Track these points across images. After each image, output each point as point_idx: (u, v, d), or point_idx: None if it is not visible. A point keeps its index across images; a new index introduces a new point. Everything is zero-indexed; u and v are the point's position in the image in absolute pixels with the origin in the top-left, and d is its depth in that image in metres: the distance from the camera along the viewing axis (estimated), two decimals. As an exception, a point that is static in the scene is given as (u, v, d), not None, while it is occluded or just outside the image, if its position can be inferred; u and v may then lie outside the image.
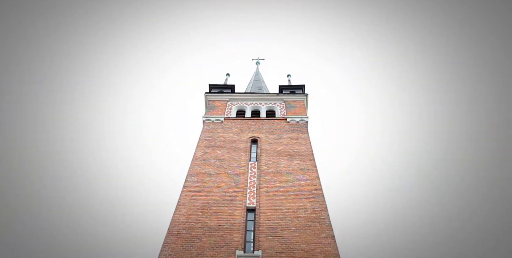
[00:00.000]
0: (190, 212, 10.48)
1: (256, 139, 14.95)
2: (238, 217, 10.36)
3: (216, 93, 18.76)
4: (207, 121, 16.19)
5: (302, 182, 12.02)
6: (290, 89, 20.01)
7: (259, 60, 32.03)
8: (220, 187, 11.70)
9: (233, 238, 9.53)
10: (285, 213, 10.54)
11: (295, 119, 16.49)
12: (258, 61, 31.67)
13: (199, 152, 13.63)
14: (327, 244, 9.38)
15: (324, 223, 10.15)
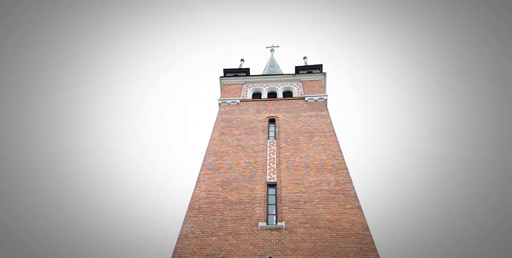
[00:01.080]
0: (210, 188, 10.50)
1: (274, 119, 14.75)
2: (259, 191, 10.27)
3: (231, 77, 18.71)
4: (223, 104, 16.16)
5: (324, 157, 11.73)
6: (307, 69, 19.60)
7: (273, 47, 31.54)
8: (239, 164, 11.64)
9: (255, 211, 9.45)
10: (307, 187, 10.33)
11: (314, 98, 16.12)
12: (273, 49, 31.23)
13: (216, 133, 13.64)
14: (354, 214, 9.09)
15: (349, 195, 9.85)
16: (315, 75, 18.53)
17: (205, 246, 8.37)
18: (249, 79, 18.53)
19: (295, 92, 17.28)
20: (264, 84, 18.23)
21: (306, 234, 8.57)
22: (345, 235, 8.45)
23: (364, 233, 8.47)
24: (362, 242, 8.21)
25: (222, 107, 15.92)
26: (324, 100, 15.95)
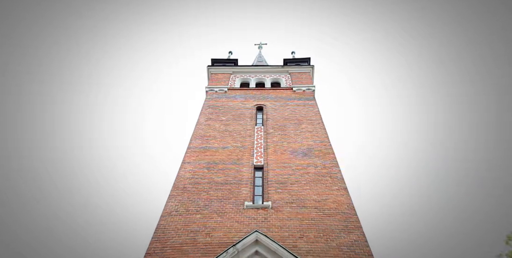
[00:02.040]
0: (195, 169, 10.38)
1: (262, 107, 14.80)
2: (245, 173, 10.24)
3: (219, 66, 18.65)
4: (210, 91, 16.07)
5: (311, 142, 11.85)
6: (295, 62, 19.83)
7: (261, 44, 31.73)
8: (225, 148, 11.58)
9: (241, 192, 9.41)
10: (294, 170, 10.40)
11: (302, 88, 16.30)
12: (261, 46, 31.41)
13: (202, 118, 13.53)
14: (340, 195, 9.22)
15: (336, 177, 9.99)
16: (303, 67, 18.77)
17: (189, 223, 8.25)
18: (237, 69, 18.55)
19: (283, 83, 17.43)
20: (252, 75, 18.28)
21: (292, 213, 8.61)
22: (331, 214, 8.55)
23: (349, 212, 8.60)
24: (347, 220, 8.33)
25: (209, 95, 15.82)
26: (312, 91, 16.16)
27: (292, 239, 7.66)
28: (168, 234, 7.91)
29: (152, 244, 7.59)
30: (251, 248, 6.76)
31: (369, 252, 7.40)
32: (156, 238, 7.76)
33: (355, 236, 7.83)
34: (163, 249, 7.48)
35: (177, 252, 7.37)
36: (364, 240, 7.72)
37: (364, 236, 7.84)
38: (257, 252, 6.76)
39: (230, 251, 6.56)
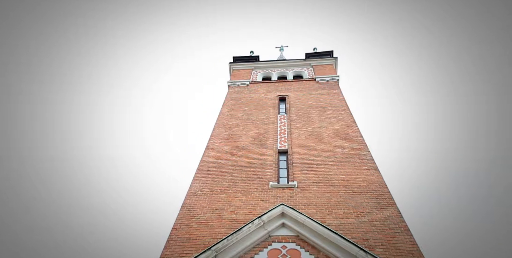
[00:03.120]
0: (219, 154, 10.45)
1: (284, 97, 14.76)
2: (269, 157, 10.15)
3: (241, 62, 18.97)
4: (232, 85, 16.32)
5: (337, 127, 11.58)
6: (317, 56, 19.74)
7: (282, 47, 32.04)
8: (248, 134, 11.60)
9: (265, 173, 9.32)
10: (320, 152, 10.17)
11: (325, 78, 16.12)
12: (282, 48, 31.74)
13: (225, 109, 13.71)
14: (370, 174, 8.85)
15: (365, 158, 9.63)
16: (326, 59, 18.63)
17: (214, 201, 8.25)
18: (259, 65, 18.75)
19: (305, 76, 17.35)
20: (274, 69, 18.39)
21: (319, 191, 8.37)
22: (361, 192, 8.21)
23: (381, 190, 8.21)
24: (379, 198, 7.94)
25: (231, 89, 16.06)
26: (336, 81, 15.92)
27: (320, 215, 7.40)
28: (194, 211, 7.95)
29: (178, 220, 7.65)
30: (277, 221, 6.61)
31: (405, 227, 6.97)
32: (182, 215, 7.82)
33: (388, 212, 7.43)
34: (189, 224, 7.51)
35: (202, 227, 7.37)
36: (399, 216, 7.29)
37: (399, 212, 7.41)
38: (283, 224, 6.59)
39: (255, 222, 6.45)
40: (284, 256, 5.98)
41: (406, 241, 6.60)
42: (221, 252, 5.89)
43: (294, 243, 6.23)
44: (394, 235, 6.77)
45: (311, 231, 6.23)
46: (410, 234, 6.76)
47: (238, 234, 6.17)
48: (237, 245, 6.07)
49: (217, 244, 5.97)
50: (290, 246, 6.18)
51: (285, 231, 6.51)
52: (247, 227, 6.34)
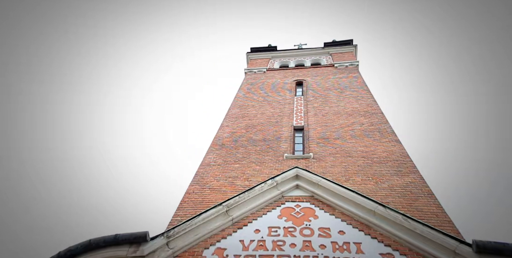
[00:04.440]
0: (233, 130, 10.45)
1: (301, 82, 14.63)
2: (285, 132, 10.02)
3: (258, 52, 19.06)
4: (249, 72, 16.38)
5: (356, 105, 11.29)
6: (336, 45, 19.50)
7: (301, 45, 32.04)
8: (264, 114, 11.54)
9: (280, 146, 9.19)
10: (337, 128, 9.92)
11: (344, 64, 15.86)
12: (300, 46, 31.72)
13: (241, 93, 13.75)
14: (391, 146, 8.51)
15: (386, 132, 9.29)
16: (346, 47, 18.35)
17: (227, 171, 8.21)
18: (276, 54, 18.75)
19: (323, 63, 17.13)
20: (291, 58, 18.32)
21: (336, 161, 8.13)
22: (381, 162, 7.89)
23: (403, 159, 7.86)
24: (401, 166, 7.60)
25: (248, 75, 16.13)
26: (356, 66, 15.62)
27: (337, 182, 7.14)
28: (207, 179, 7.94)
29: (191, 186, 7.66)
30: (291, 182, 6.44)
31: (429, 191, 6.60)
32: (195, 182, 7.83)
33: (410, 179, 7.07)
34: (202, 190, 7.51)
35: (215, 192, 7.33)
36: (423, 182, 6.92)
37: (422, 178, 7.05)
38: (297, 186, 6.42)
39: (268, 182, 6.33)
40: (298, 213, 5.81)
41: (430, 203, 6.24)
42: (232, 207, 5.80)
43: (309, 202, 6.04)
44: (416, 199, 6.43)
45: (326, 191, 6.03)
46: (434, 198, 6.39)
47: (250, 192, 6.07)
48: (249, 202, 5.96)
49: (229, 200, 5.90)
50: (304, 205, 5.99)
51: (299, 192, 6.33)
52: (259, 186, 6.23)
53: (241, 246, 5.19)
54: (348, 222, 5.43)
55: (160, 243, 5.00)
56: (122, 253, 4.78)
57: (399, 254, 4.74)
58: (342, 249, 4.95)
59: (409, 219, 5.03)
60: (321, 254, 4.90)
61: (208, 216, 5.55)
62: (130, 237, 4.84)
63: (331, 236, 5.21)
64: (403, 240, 4.89)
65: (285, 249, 5.07)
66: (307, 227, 5.46)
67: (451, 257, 4.44)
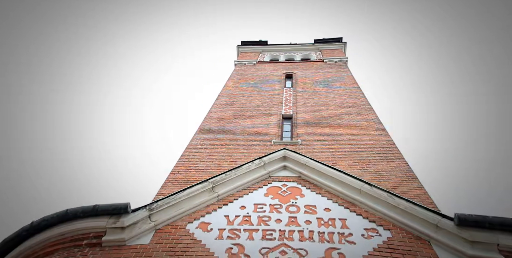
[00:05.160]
0: (221, 117, 10.35)
1: (291, 74, 14.68)
2: (273, 120, 10.01)
3: (249, 45, 19.02)
4: (239, 64, 16.32)
5: (344, 98, 11.41)
6: (326, 42, 19.70)
7: (292, 43, 32.16)
8: (253, 102, 11.50)
9: (268, 133, 9.17)
10: (326, 117, 9.99)
11: (333, 59, 16.03)
12: (291, 44, 31.80)
13: (230, 82, 13.67)
14: (378, 134, 8.62)
15: (373, 121, 9.42)
16: (335, 44, 18.58)
17: (214, 154, 8.11)
18: (267, 48, 18.77)
19: (313, 58, 17.28)
20: (281, 53, 18.37)
21: (323, 147, 8.17)
22: (367, 148, 7.98)
23: (389, 147, 7.98)
24: (387, 153, 7.71)
25: (237, 67, 16.07)
26: (345, 62, 15.81)
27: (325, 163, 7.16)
28: (193, 160, 7.81)
29: (176, 167, 7.52)
30: (279, 163, 6.40)
31: (413, 175, 6.71)
32: (181, 163, 7.69)
33: (395, 164, 7.18)
34: (187, 170, 7.38)
35: (201, 173, 7.21)
36: (407, 167, 7.04)
37: (407, 164, 7.17)
38: (285, 166, 6.38)
39: (256, 162, 6.27)
40: (284, 192, 5.77)
41: (414, 186, 6.34)
42: (218, 184, 5.71)
43: (296, 182, 6.01)
44: (401, 182, 6.52)
45: (313, 171, 6.02)
46: (418, 181, 6.51)
47: (237, 170, 6.00)
48: (235, 180, 5.88)
49: (215, 177, 5.80)
50: (291, 184, 5.96)
51: (286, 172, 6.30)
52: (246, 166, 6.17)
53: (226, 221, 5.10)
54: (334, 200, 5.44)
55: (142, 216, 4.85)
56: (101, 224, 4.60)
57: (383, 229, 4.77)
58: (327, 224, 4.95)
59: (393, 196, 5.08)
60: (306, 228, 4.87)
61: (193, 191, 5.44)
62: (110, 208, 4.67)
63: (317, 212, 5.20)
64: (388, 216, 4.93)
65: (270, 224, 5.02)
66: (293, 204, 5.43)
67: (433, 230, 4.51)
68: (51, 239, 4.55)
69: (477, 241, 4.15)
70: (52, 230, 4.56)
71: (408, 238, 4.57)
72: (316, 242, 4.61)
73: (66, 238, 4.53)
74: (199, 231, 4.90)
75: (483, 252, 4.09)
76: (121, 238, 4.54)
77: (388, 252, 4.35)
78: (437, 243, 4.41)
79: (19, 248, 4.60)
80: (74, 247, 4.45)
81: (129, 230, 4.66)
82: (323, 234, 4.75)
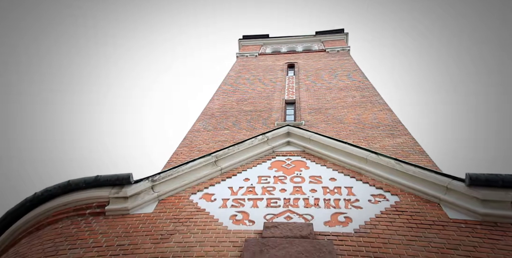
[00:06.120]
0: (224, 103, 10.29)
1: (293, 64, 14.60)
2: (276, 104, 9.92)
3: (250, 38, 19.00)
4: (241, 56, 16.29)
5: (347, 82, 11.28)
6: (327, 33, 19.61)
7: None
8: (255, 90, 11.43)
9: (271, 116, 9.08)
10: (329, 100, 9.87)
11: (336, 49, 15.92)
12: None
13: (232, 72, 13.62)
14: (383, 114, 8.49)
15: (378, 102, 9.28)
16: (337, 35, 18.46)
17: (217, 136, 8.04)
18: (268, 41, 18.73)
19: (315, 49, 17.19)
20: (283, 45, 18.32)
21: (328, 127, 8.06)
22: (372, 127, 7.85)
23: (394, 125, 7.83)
24: (392, 130, 7.57)
25: (239, 59, 16.03)
26: (347, 51, 15.69)
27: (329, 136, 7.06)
28: (196, 142, 7.76)
29: (179, 148, 7.46)
30: (282, 139, 6.31)
31: (421, 149, 6.57)
32: (184, 145, 7.63)
33: (401, 140, 7.04)
34: (190, 152, 7.31)
35: (204, 153, 7.13)
36: (414, 141, 6.90)
37: (414, 139, 7.02)
38: (289, 142, 6.29)
39: (259, 138, 6.19)
40: (289, 165, 5.67)
41: (422, 159, 6.20)
42: (221, 158, 5.63)
43: (300, 156, 5.92)
44: (407, 156, 6.38)
45: (317, 144, 5.92)
46: (426, 154, 6.36)
47: (240, 145, 5.92)
48: (238, 155, 5.80)
49: (218, 151, 5.73)
50: (295, 158, 5.87)
51: (290, 148, 6.20)
52: (249, 141, 6.09)
53: (230, 192, 5.02)
54: (340, 171, 5.33)
55: (145, 186, 4.79)
56: (104, 194, 4.55)
57: (391, 194, 4.65)
58: (333, 192, 4.84)
59: (401, 162, 4.95)
60: (311, 196, 4.77)
61: (196, 164, 5.37)
62: (112, 178, 4.62)
63: (322, 182, 5.09)
64: (395, 182, 4.81)
65: (274, 193, 4.93)
66: (298, 175, 5.33)
67: (443, 192, 4.37)
68: (54, 209, 4.52)
69: (489, 200, 4.01)
70: (55, 200, 4.52)
71: (417, 202, 4.44)
72: (322, 208, 4.51)
73: (70, 208, 4.49)
74: (203, 201, 4.83)
75: (496, 210, 3.95)
76: (125, 207, 4.49)
77: (396, 214, 4.23)
78: (446, 204, 4.28)
79: (23, 218, 4.57)
80: (78, 216, 4.41)
81: (132, 200, 4.60)
82: (329, 200, 4.65)
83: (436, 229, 3.92)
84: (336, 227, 4.13)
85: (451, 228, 3.93)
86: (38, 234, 4.25)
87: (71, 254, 3.67)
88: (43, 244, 3.92)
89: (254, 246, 3.75)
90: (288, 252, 3.62)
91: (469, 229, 3.89)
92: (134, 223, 4.29)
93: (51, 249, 3.77)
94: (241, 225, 4.27)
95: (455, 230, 3.88)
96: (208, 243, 3.91)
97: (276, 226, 4.13)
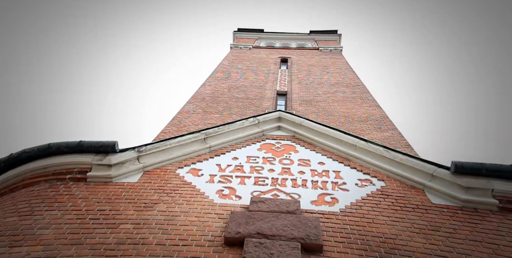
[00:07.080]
0: (216, 89, 10.17)
1: (286, 59, 14.62)
2: (268, 94, 9.88)
3: (245, 31, 18.90)
4: (235, 47, 16.17)
5: (339, 79, 11.40)
6: (321, 33, 19.77)
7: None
8: (248, 79, 11.36)
9: (262, 104, 9.04)
10: (320, 94, 9.93)
11: (329, 48, 16.07)
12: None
13: (226, 61, 13.50)
14: (372, 109, 8.61)
15: (367, 99, 9.41)
16: (330, 35, 18.65)
17: (207, 119, 7.92)
18: (263, 35, 18.70)
19: (308, 46, 17.28)
20: (277, 41, 18.33)
21: (318, 119, 8.09)
22: (361, 121, 7.95)
23: (382, 120, 7.96)
24: (380, 124, 7.69)
25: (233, 49, 15.92)
26: (340, 50, 15.87)
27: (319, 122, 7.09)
28: (185, 123, 7.61)
29: (167, 127, 7.30)
30: (273, 123, 6.27)
31: (406, 143, 6.70)
32: (172, 124, 7.47)
33: (388, 134, 7.17)
34: (178, 131, 7.16)
35: (192, 133, 7.01)
36: (400, 136, 7.03)
37: (401, 134, 7.16)
38: (279, 127, 6.26)
39: (250, 120, 6.12)
40: (278, 148, 5.64)
41: (407, 152, 6.30)
42: (211, 136, 5.54)
43: (290, 140, 5.90)
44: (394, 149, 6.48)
45: (308, 130, 5.92)
46: (411, 148, 6.49)
47: (230, 125, 5.84)
48: (228, 135, 5.72)
49: (208, 129, 5.63)
50: (285, 142, 5.84)
51: (281, 132, 6.18)
52: (240, 122, 6.01)
53: (218, 169, 4.93)
54: (329, 156, 5.34)
55: (130, 156, 4.63)
56: (87, 160, 4.36)
57: (377, 179, 4.70)
58: (321, 175, 4.84)
59: (389, 150, 5.02)
60: (299, 177, 4.76)
61: (185, 139, 5.25)
62: (97, 145, 4.44)
63: (311, 165, 5.09)
64: (382, 168, 4.87)
65: (263, 173, 4.88)
66: (287, 158, 5.31)
67: (428, 179, 4.46)
68: (32, 171, 4.28)
69: (472, 187, 4.12)
70: (33, 163, 4.29)
71: (402, 187, 4.50)
72: (309, 189, 4.50)
73: (49, 172, 4.27)
74: (190, 175, 4.72)
75: (477, 197, 4.06)
76: (108, 175, 4.32)
77: (381, 198, 4.27)
78: (430, 190, 4.36)
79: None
80: (57, 180, 4.20)
81: (116, 168, 4.43)
82: (317, 182, 4.65)
83: (419, 213, 3.99)
84: (323, 206, 4.12)
85: (433, 212, 4.00)
86: (12, 195, 4.02)
87: (47, 215, 3.48)
88: (16, 204, 3.71)
89: (240, 218, 3.69)
90: (274, 225, 3.58)
91: (450, 213, 3.97)
92: (117, 191, 4.14)
93: (26, 209, 3.56)
94: (227, 199, 4.20)
95: (437, 214, 3.96)
96: (193, 213, 3.81)
97: (263, 201, 4.09)
